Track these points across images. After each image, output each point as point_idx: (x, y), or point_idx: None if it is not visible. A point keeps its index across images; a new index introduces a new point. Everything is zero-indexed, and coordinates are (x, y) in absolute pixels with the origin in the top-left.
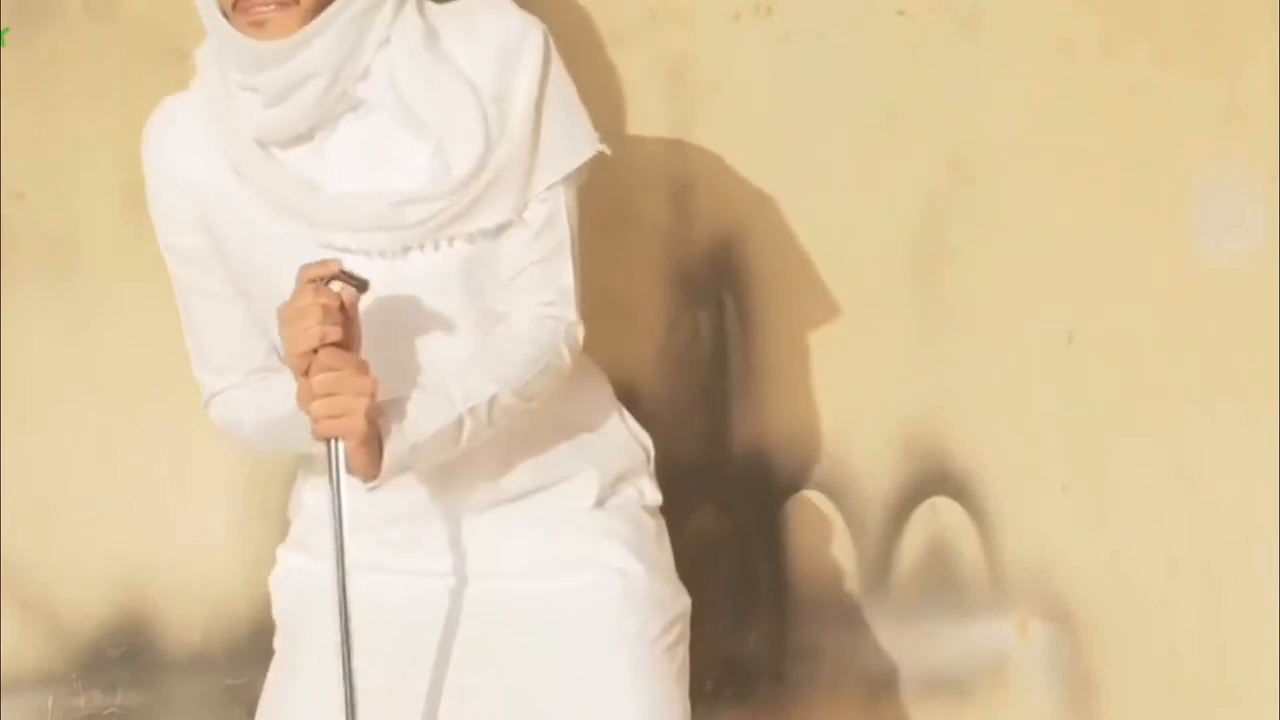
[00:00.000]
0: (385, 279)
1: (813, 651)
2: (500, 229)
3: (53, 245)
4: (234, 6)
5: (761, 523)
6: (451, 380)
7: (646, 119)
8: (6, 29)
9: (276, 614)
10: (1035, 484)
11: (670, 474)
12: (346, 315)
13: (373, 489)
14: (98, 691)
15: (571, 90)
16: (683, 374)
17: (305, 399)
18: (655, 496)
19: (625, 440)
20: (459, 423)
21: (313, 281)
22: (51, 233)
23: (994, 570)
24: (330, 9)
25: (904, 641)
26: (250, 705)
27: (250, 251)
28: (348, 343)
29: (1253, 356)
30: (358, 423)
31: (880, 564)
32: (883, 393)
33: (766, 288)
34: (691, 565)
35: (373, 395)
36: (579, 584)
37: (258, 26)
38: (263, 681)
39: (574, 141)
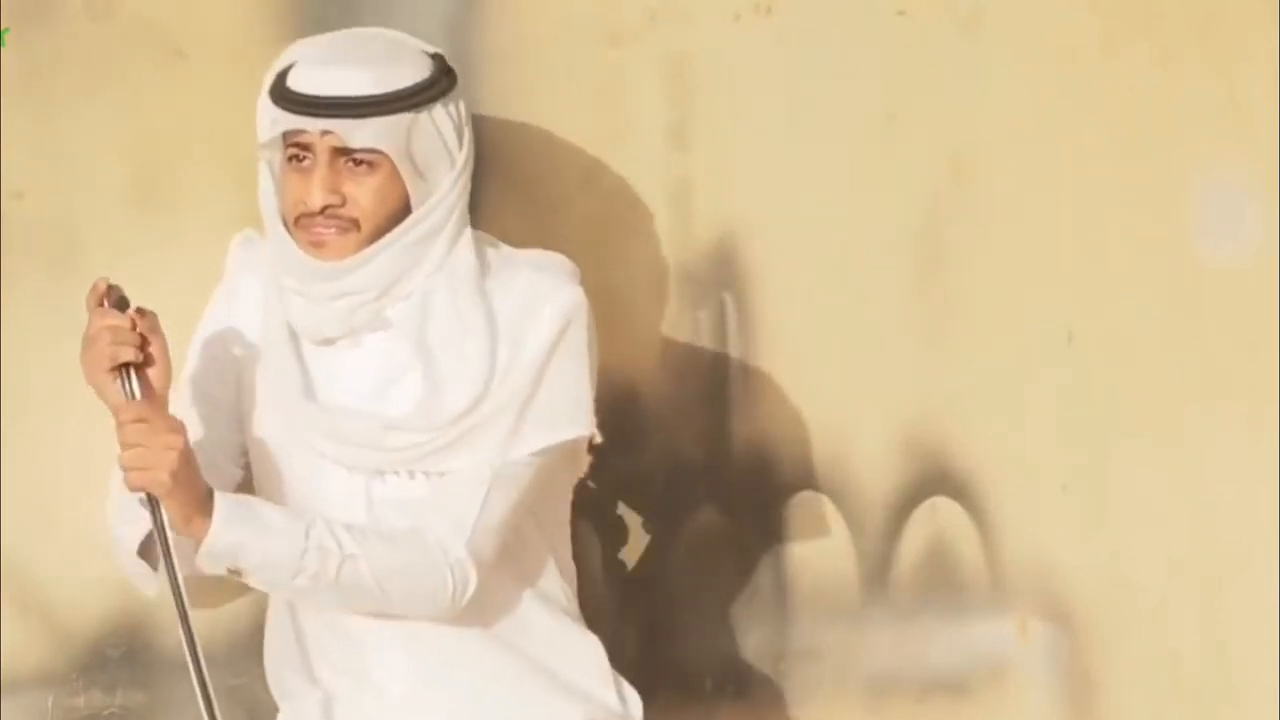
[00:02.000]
0: (361, 494)
1: (813, 651)
2: None
3: (53, 245)
4: (295, 222)
5: (761, 523)
6: (322, 521)
7: (646, 119)
8: (6, 29)
9: None
10: (1035, 484)
11: (670, 474)
12: (144, 338)
13: (201, 560)
14: (98, 691)
15: (583, 367)
16: (683, 374)
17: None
18: None
19: (614, 703)
20: (300, 554)
21: (100, 305)
22: (51, 233)
23: (994, 570)
24: (388, 235)
25: (904, 641)
26: (250, 705)
27: (253, 416)
28: (147, 363)
29: (1253, 356)
30: (162, 476)
31: (880, 564)
32: (883, 393)
33: (766, 288)
34: (691, 565)
35: (180, 449)
36: None
37: (317, 246)
38: (263, 682)
39: (567, 416)
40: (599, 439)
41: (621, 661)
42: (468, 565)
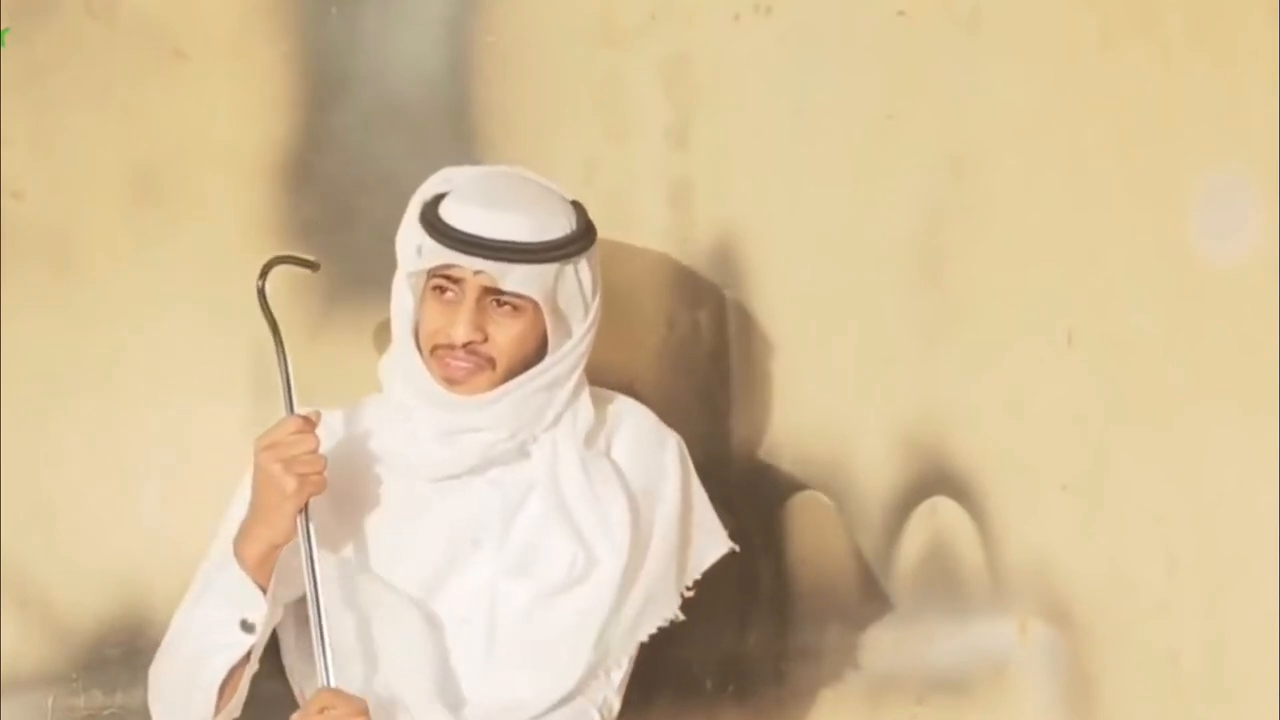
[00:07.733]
0: (484, 602)
1: (813, 652)
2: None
3: (53, 245)
4: (432, 352)
5: (761, 523)
6: None
7: (646, 119)
8: (6, 29)
9: None
10: (1035, 484)
11: None
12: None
13: None
14: (98, 691)
15: (703, 492)
16: (683, 374)
17: None
18: None
19: None
20: None
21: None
22: (51, 233)
23: (994, 570)
24: (522, 376)
25: (904, 641)
26: (249, 705)
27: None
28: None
29: (1253, 356)
30: None
31: (880, 564)
32: (883, 393)
33: (766, 288)
34: None
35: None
36: None
37: (451, 381)
38: (263, 681)
39: (713, 542)
40: (737, 550)
41: None
42: (614, 700)
